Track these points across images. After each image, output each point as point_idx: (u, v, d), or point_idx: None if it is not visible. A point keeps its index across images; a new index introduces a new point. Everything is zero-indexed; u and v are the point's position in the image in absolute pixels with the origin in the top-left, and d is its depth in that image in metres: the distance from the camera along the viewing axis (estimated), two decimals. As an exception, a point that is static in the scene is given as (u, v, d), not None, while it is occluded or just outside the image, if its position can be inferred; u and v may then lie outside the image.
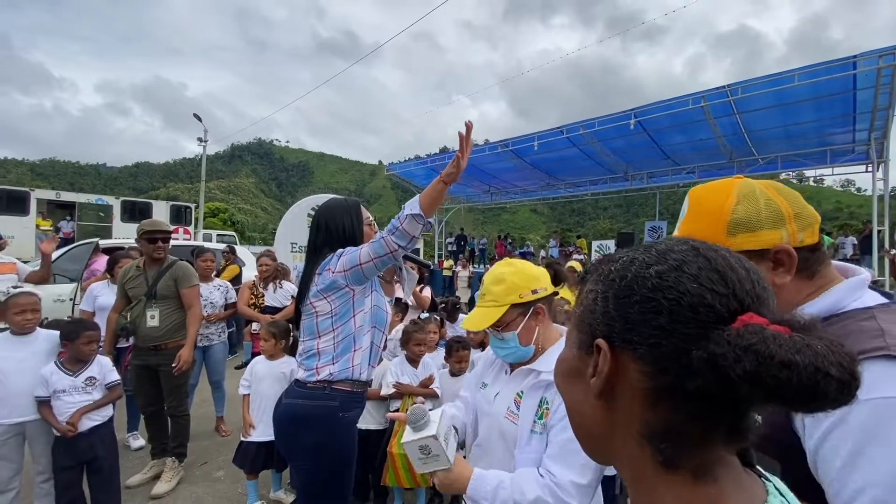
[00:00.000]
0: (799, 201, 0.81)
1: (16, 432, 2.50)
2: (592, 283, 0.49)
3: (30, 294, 2.62)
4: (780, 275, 0.77)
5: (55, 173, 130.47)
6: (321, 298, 1.72)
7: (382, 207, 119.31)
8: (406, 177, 17.47)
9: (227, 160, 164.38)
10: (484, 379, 1.47)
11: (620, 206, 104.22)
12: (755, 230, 0.78)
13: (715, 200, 0.82)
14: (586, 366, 0.47)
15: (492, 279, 1.34)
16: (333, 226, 1.84)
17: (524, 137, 12.73)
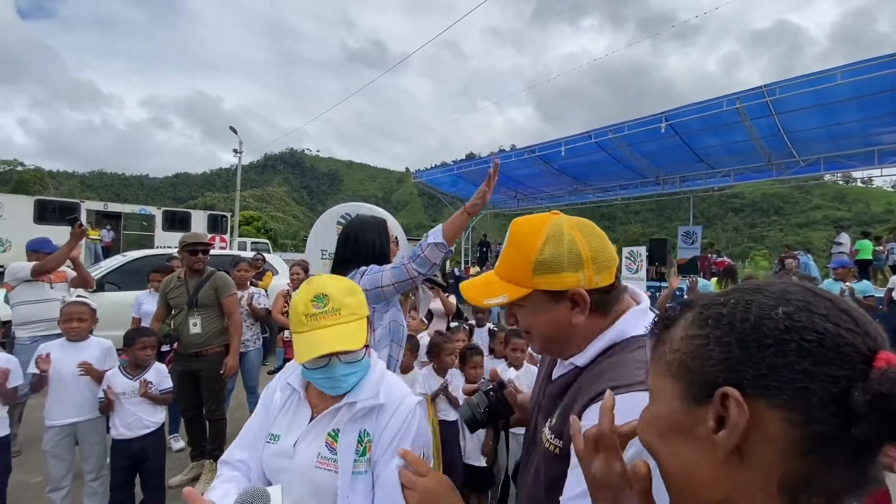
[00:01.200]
0: (600, 244, 0.84)
1: (69, 433, 2.66)
2: (694, 328, 0.46)
3: (80, 303, 2.80)
4: (575, 314, 0.82)
5: (103, 185, 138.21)
6: None
7: (409, 214, 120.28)
8: (432, 184, 17.61)
9: (260, 170, 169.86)
10: (273, 430, 1.16)
11: (653, 211, 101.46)
12: (558, 272, 0.81)
13: (527, 238, 0.84)
14: (697, 420, 0.43)
15: (343, 290, 1.11)
16: (364, 241, 1.90)
17: (551, 143, 12.64)
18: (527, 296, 0.83)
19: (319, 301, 1.08)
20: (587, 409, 0.75)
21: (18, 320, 3.61)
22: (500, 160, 1.89)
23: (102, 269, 6.46)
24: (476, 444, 2.92)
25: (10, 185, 32.95)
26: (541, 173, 14.85)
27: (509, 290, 0.84)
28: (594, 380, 0.78)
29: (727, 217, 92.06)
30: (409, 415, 1.11)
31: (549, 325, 0.84)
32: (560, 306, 0.82)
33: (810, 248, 16.33)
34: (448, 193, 18.41)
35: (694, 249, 13.86)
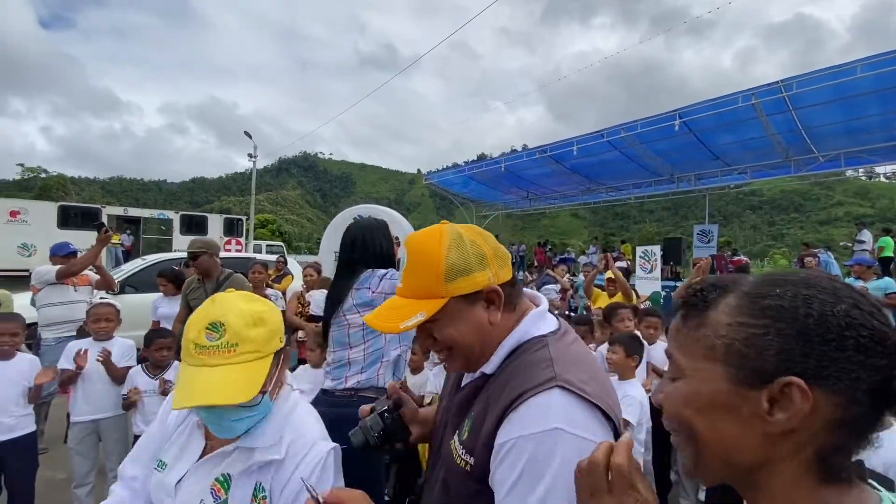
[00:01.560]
0: (493, 241, 0.87)
1: (92, 430, 2.76)
2: (746, 317, 0.50)
3: (107, 305, 2.93)
4: (492, 312, 0.83)
5: (122, 190, 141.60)
6: (355, 312, 1.82)
7: (421, 216, 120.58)
8: (444, 185, 17.67)
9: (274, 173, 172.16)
10: (161, 456, 1.00)
11: (668, 209, 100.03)
12: (469, 273, 0.81)
13: (429, 249, 0.82)
14: (745, 401, 0.48)
15: (248, 319, 0.92)
16: (371, 243, 1.94)
17: (563, 142, 12.59)
18: (443, 307, 0.80)
19: (214, 330, 0.89)
20: (505, 421, 0.72)
21: (44, 322, 3.74)
22: None
23: (123, 272, 6.63)
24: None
25: (34, 192, 33.92)
26: (553, 173, 14.79)
27: (425, 307, 0.80)
28: (503, 386, 0.77)
29: (745, 215, 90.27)
30: (318, 466, 0.94)
31: (473, 331, 0.82)
32: (477, 308, 0.82)
33: (832, 245, 15.95)
34: (459, 194, 18.44)
35: (710, 248, 13.64)
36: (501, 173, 14.60)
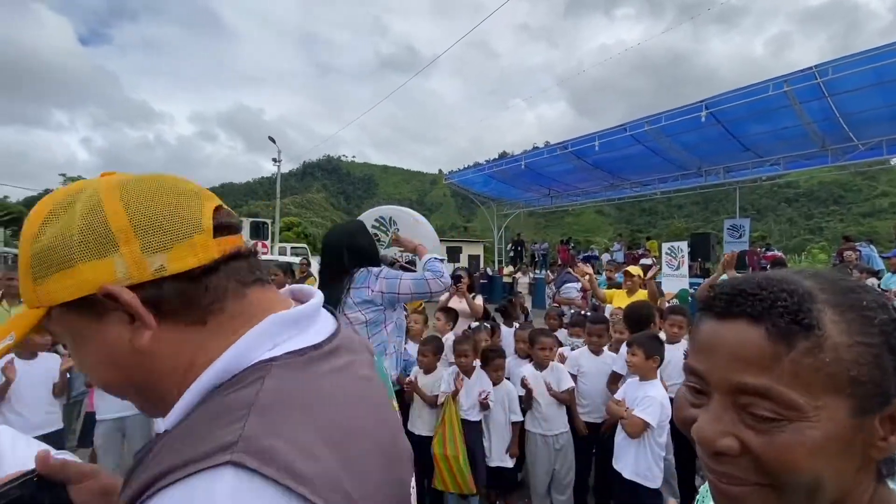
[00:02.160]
0: (165, 201, 0.48)
1: (117, 427, 2.84)
2: (863, 335, 0.42)
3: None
4: (137, 333, 0.47)
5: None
6: (356, 311, 1.87)
7: (443, 216, 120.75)
8: (464, 184, 17.60)
9: (299, 177, 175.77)
10: None
11: (697, 204, 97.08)
12: (68, 263, 0.46)
13: (27, 226, 0.48)
14: (861, 432, 0.43)
15: None
16: (358, 248, 2.00)
17: (584, 138, 12.34)
18: (51, 322, 0.49)
19: None
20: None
21: None
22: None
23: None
24: (501, 444, 2.87)
25: (75, 200, 35.60)
26: (574, 169, 14.52)
27: (17, 323, 0.49)
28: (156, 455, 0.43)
29: (780, 208, 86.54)
30: None
31: (105, 361, 0.49)
32: (108, 324, 0.47)
33: (876, 238, 15.09)
34: (480, 194, 18.34)
35: (742, 243, 13.12)
36: (522, 171, 14.43)
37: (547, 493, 2.92)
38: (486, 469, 2.84)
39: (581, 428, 3.02)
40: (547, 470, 2.86)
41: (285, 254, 18.72)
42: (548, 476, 2.87)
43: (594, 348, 3.20)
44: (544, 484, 2.89)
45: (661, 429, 2.38)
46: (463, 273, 4.09)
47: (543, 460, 2.86)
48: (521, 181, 16.19)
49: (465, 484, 2.69)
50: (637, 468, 2.34)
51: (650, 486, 2.32)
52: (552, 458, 2.86)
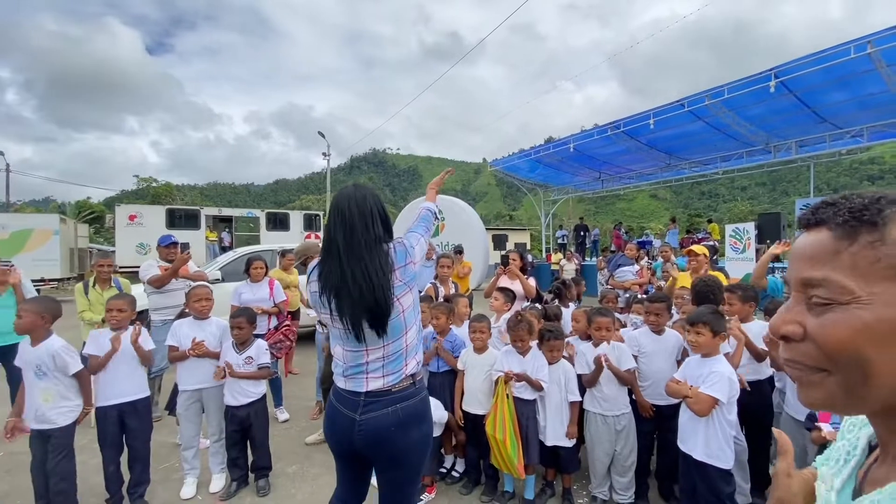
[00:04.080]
0: None
1: (196, 398, 3.09)
2: None
3: (204, 287, 3.28)
4: None
5: (217, 194, 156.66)
6: (407, 291, 1.65)
7: (488, 205, 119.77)
8: (510, 171, 17.32)
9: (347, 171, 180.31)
10: None
11: (764, 185, 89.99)
12: None
13: None
14: None
15: None
16: (385, 215, 1.70)
17: (638, 116, 11.72)
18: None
19: None
20: None
21: (152, 307, 4.32)
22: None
23: (218, 264, 7.33)
24: (558, 424, 2.83)
25: (147, 199, 38.78)
26: (627, 150, 13.88)
27: None
28: None
29: (861, 186, 78.33)
30: None
31: None
32: None
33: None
34: (527, 180, 18.00)
35: (817, 224, 12.02)
36: (570, 154, 13.97)
37: (607, 475, 2.85)
38: (541, 448, 2.81)
39: (647, 407, 2.91)
40: (607, 451, 2.79)
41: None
42: (608, 457, 2.80)
43: (654, 328, 3.07)
44: (604, 465, 2.82)
45: (731, 405, 2.25)
46: (515, 254, 4.04)
47: (603, 441, 2.79)
48: (570, 165, 15.70)
49: (514, 470, 2.68)
50: (708, 448, 2.23)
51: (722, 466, 2.20)
52: (613, 439, 2.79)
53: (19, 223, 15.32)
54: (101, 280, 4.38)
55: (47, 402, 2.56)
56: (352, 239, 1.59)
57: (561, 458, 2.86)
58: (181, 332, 3.09)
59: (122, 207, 16.33)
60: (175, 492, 3.02)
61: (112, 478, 2.78)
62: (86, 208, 34.67)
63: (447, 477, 3.17)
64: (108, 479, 2.78)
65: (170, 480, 3.19)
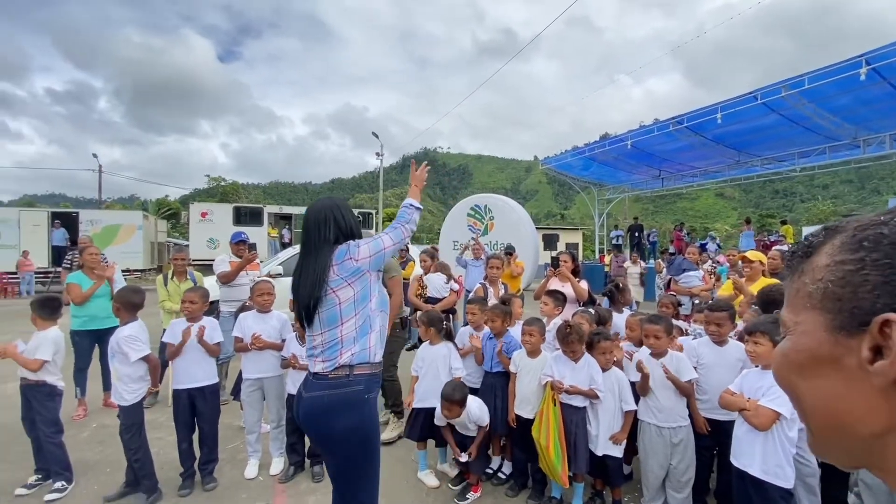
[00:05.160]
0: None
1: (257, 386, 3.32)
2: (844, 253, 0.43)
3: (266, 281, 3.50)
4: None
5: (278, 192, 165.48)
6: (345, 285, 1.80)
7: (538, 204, 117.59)
8: (562, 169, 16.91)
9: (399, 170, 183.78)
10: None
11: (850, 182, 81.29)
12: None
13: None
14: (846, 351, 0.41)
15: None
16: (343, 222, 1.93)
17: (704, 110, 11.06)
18: None
19: None
20: None
21: (221, 298, 4.69)
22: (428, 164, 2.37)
23: (278, 259, 7.77)
24: (609, 432, 2.75)
25: (216, 197, 41.73)
26: (690, 146, 13.11)
27: None
28: None
29: (972, 184, 68.83)
30: None
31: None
32: None
33: None
34: (580, 178, 17.50)
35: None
36: (628, 151, 13.43)
37: (661, 489, 2.73)
38: (590, 457, 2.75)
39: (701, 424, 2.77)
40: (661, 464, 2.67)
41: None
42: (662, 470, 2.68)
43: (716, 339, 2.89)
44: (658, 478, 2.71)
45: (793, 421, 2.09)
46: (566, 255, 3.95)
47: (658, 453, 2.68)
48: (627, 163, 15.08)
49: (557, 477, 2.64)
50: (766, 465, 2.08)
51: (782, 485, 2.05)
52: (668, 451, 2.66)
53: (109, 219, 17.12)
54: (177, 272, 4.80)
55: (119, 381, 2.88)
56: (307, 241, 1.91)
57: (609, 469, 2.78)
58: (245, 324, 3.33)
59: (195, 205, 17.76)
60: (240, 471, 3.26)
61: (185, 454, 3.05)
62: (164, 205, 37.95)
63: (493, 478, 3.18)
64: (182, 454, 3.05)
65: (235, 461, 3.44)
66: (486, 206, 12.58)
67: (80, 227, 15.92)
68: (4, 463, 3.33)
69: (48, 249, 15.57)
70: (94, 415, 4.35)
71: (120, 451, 2.99)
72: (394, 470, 3.34)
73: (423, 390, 3.17)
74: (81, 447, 3.57)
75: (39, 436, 3.01)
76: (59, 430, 3.06)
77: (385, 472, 3.24)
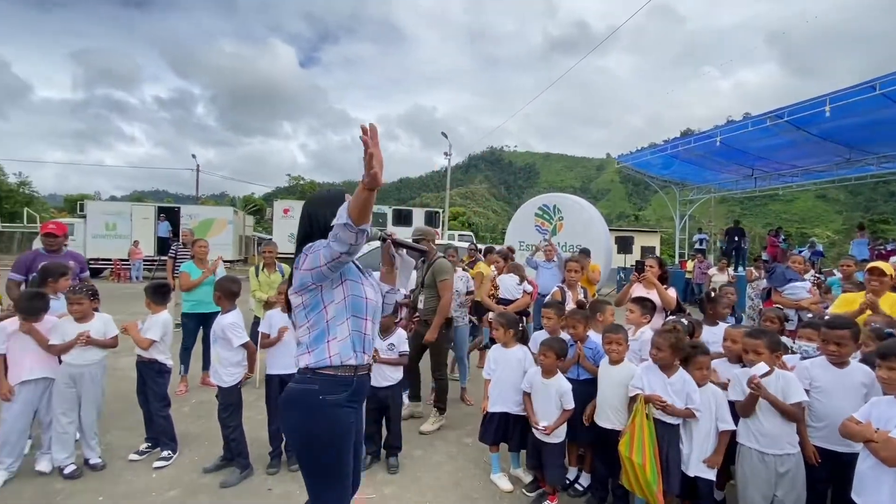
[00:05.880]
0: None
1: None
2: None
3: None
4: None
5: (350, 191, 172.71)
6: (294, 293, 1.76)
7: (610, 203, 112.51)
8: (640, 167, 15.98)
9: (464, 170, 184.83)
10: None
11: None
12: None
13: None
14: None
15: None
16: (314, 219, 1.82)
17: (809, 102, 9.88)
18: None
19: None
20: None
21: None
22: (375, 125, 1.48)
23: (353, 255, 8.13)
24: (702, 453, 2.53)
25: (296, 195, 44.74)
26: (790, 143, 11.80)
27: None
28: None
29: None
30: None
31: None
32: None
33: None
34: (659, 177, 16.45)
35: None
36: (716, 149, 12.35)
37: (762, 521, 2.46)
38: (681, 478, 2.55)
39: (810, 453, 2.47)
40: (764, 494, 2.41)
41: (453, 240, 20.16)
42: (765, 501, 2.42)
43: (835, 360, 2.55)
44: (758, 509, 2.44)
45: None
46: (652, 260, 3.71)
47: (760, 482, 2.42)
48: (714, 161, 13.90)
49: (652, 497, 2.46)
50: None
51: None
52: (772, 481, 2.40)
53: (205, 213, 19.04)
54: (267, 264, 5.17)
55: (219, 364, 3.15)
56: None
57: (700, 492, 2.56)
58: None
59: (278, 202, 19.13)
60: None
61: (274, 435, 3.27)
62: (250, 202, 41.28)
63: (570, 488, 3.06)
64: (271, 435, 3.28)
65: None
66: (556, 205, 12.21)
67: (181, 221, 17.79)
68: (120, 429, 3.78)
69: (154, 240, 17.58)
70: (194, 391, 4.82)
71: (216, 426, 3.28)
72: (466, 470, 3.34)
73: (496, 394, 3.13)
74: (184, 420, 3.95)
75: (150, 408, 3.37)
76: (166, 404, 3.41)
77: (458, 473, 3.29)
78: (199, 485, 3.02)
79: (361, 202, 1.49)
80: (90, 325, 3.17)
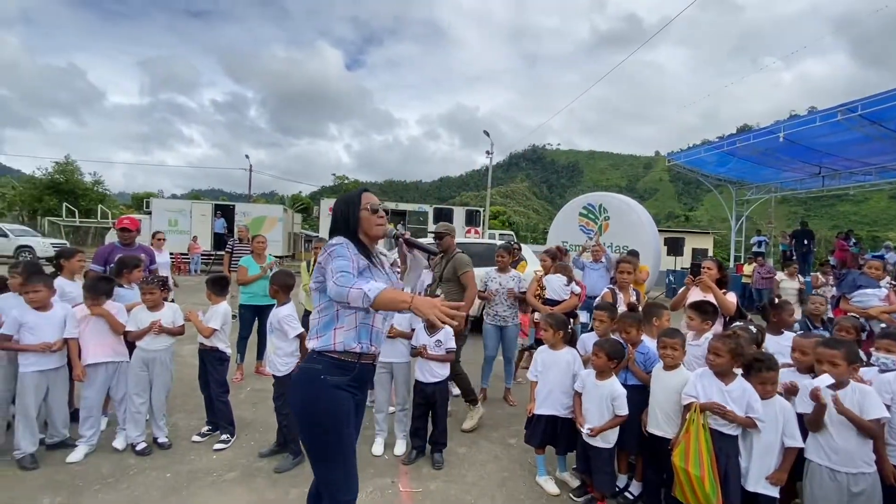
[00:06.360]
0: None
1: (388, 369, 3.56)
2: None
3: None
4: None
5: (392, 190, 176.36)
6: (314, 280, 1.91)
7: (658, 203, 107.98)
8: (692, 165, 15.22)
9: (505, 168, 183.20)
10: None
11: None
12: None
13: None
14: None
15: None
16: (336, 214, 2.01)
17: (886, 95, 9.07)
18: None
19: None
20: None
21: None
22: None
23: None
24: (764, 468, 2.38)
25: (341, 193, 46.01)
26: (863, 139, 10.88)
27: None
28: None
29: None
30: None
31: None
32: None
33: None
34: (713, 175, 15.61)
35: None
36: (779, 145, 11.56)
37: (834, 544, 2.30)
38: (741, 494, 2.41)
39: (889, 473, 2.28)
40: (835, 515, 2.25)
41: (493, 239, 20.05)
42: (836, 523, 2.26)
43: (920, 374, 2.34)
44: (829, 531, 2.28)
45: None
46: (710, 262, 3.53)
47: (830, 501, 2.26)
48: (777, 158, 13.03)
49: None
50: None
51: None
52: (844, 501, 2.23)
53: (258, 211, 20.02)
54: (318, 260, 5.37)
55: (275, 354, 3.31)
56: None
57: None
58: None
59: (324, 201, 19.78)
60: (368, 447, 3.51)
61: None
62: (298, 201, 42.87)
63: (620, 496, 2.98)
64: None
65: (363, 436, 3.68)
66: (601, 205, 11.83)
67: (235, 218, 18.75)
68: (183, 412, 4.04)
69: (211, 235, 18.63)
70: (249, 379, 5.08)
71: (270, 412, 3.44)
72: (511, 471, 3.32)
73: (543, 396, 3.09)
74: (239, 406, 4.16)
75: (211, 394, 3.59)
76: (226, 390, 3.62)
77: (502, 472, 3.28)
78: (255, 468, 3.18)
79: (391, 305, 1.65)
80: (161, 313, 3.42)
